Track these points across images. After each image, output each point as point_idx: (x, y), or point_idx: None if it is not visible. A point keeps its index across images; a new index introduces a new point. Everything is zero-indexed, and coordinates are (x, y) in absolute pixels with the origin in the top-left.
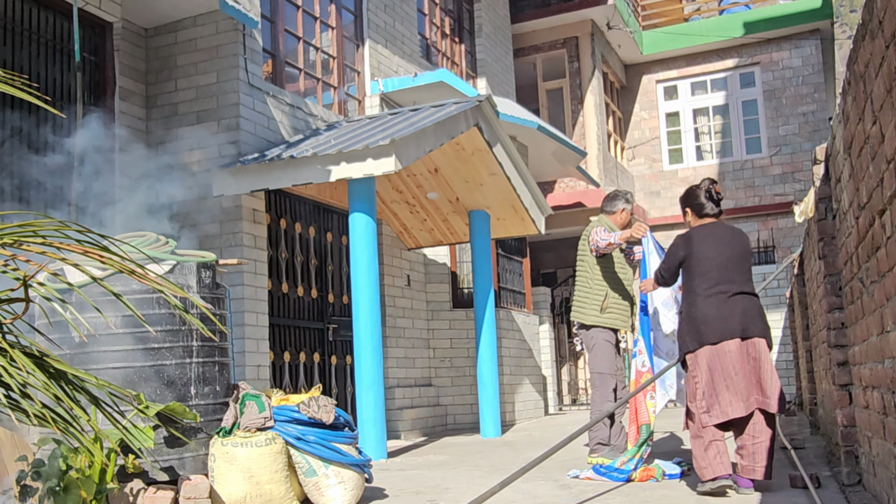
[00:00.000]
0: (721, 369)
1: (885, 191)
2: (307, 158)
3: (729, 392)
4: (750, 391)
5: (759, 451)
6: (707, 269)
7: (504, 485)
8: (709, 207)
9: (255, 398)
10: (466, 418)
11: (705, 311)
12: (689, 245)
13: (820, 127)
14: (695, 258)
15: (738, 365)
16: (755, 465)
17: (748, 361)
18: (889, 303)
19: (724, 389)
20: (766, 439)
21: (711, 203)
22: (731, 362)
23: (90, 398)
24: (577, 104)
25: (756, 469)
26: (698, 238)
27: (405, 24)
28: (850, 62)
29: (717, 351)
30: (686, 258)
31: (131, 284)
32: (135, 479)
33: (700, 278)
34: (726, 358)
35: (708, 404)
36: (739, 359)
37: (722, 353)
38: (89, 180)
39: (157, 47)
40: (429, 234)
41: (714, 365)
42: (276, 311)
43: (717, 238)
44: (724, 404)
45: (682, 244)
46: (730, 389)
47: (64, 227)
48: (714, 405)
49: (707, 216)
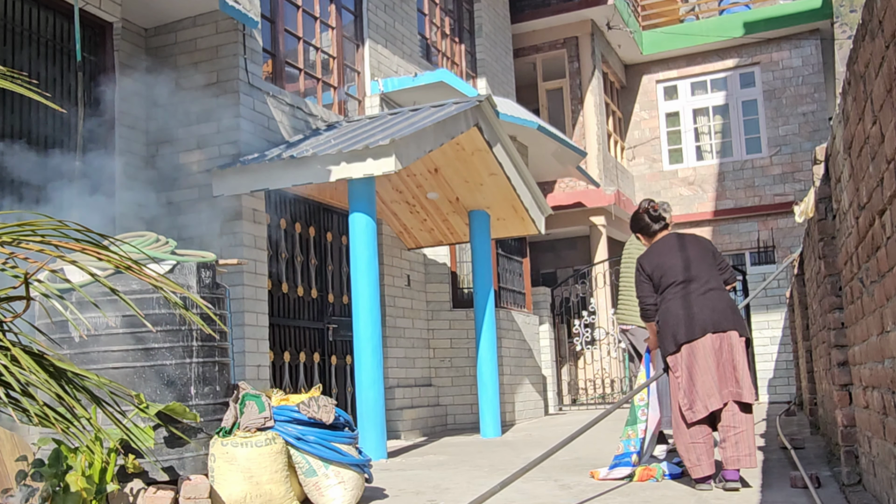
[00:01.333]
0: (697, 365)
1: (885, 191)
2: (307, 158)
3: (706, 386)
4: (724, 382)
5: (742, 440)
6: (673, 276)
7: (504, 485)
8: (655, 226)
9: (255, 398)
10: (466, 418)
11: (676, 312)
12: (650, 262)
13: (820, 127)
14: (659, 271)
15: (711, 359)
16: (739, 454)
17: (721, 354)
18: (889, 303)
19: (701, 384)
20: (747, 428)
21: (654, 221)
22: (705, 357)
23: (91, 397)
24: (577, 104)
25: (740, 458)
26: (656, 252)
27: (405, 24)
28: (850, 62)
29: (692, 348)
30: (652, 275)
31: (131, 284)
32: (135, 479)
33: (669, 287)
34: (700, 353)
35: (689, 401)
36: (713, 352)
37: (696, 350)
38: (89, 180)
39: (157, 47)
40: (429, 234)
41: (690, 362)
42: (276, 311)
43: (672, 246)
44: (703, 398)
45: (645, 265)
46: (706, 384)
47: (63, 227)
48: (695, 401)
49: (656, 233)
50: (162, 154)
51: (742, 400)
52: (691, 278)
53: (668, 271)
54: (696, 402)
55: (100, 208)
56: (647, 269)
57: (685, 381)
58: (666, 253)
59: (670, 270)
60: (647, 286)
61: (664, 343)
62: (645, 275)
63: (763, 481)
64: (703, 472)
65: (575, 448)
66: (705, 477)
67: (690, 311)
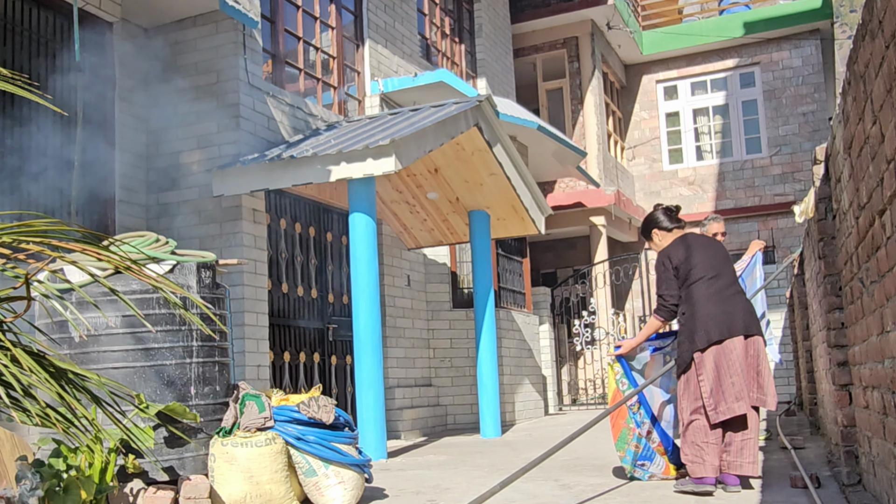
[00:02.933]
0: (727, 366)
1: (885, 191)
2: (307, 158)
3: (735, 388)
4: (750, 388)
5: (747, 447)
6: (702, 273)
7: (504, 485)
8: (673, 220)
9: (255, 398)
10: (466, 418)
11: (711, 310)
12: (677, 254)
13: (820, 127)
14: (686, 266)
15: (742, 362)
16: (742, 460)
17: (747, 359)
18: (889, 303)
19: (730, 386)
20: (755, 435)
21: (671, 220)
22: (738, 359)
23: (91, 397)
24: (577, 104)
25: (743, 465)
26: (684, 246)
27: (405, 24)
28: (850, 62)
29: (723, 349)
30: (678, 268)
31: (131, 284)
32: (135, 479)
33: (698, 282)
34: (732, 355)
35: (715, 401)
36: (743, 356)
37: (728, 351)
38: (90, 180)
39: (157, 47)
40: (429, 234)
41: (720, 362)
42: (276, 311)
43: (699, 244)
44: (730, 401)
45: (671, 257)
46: (735, 386)
47: (62, 227)
48: (720, 402)
49: (675, 229)
50: (162, 154)
51: (767, 407)
52: (722, 279)
53: (698, 265)
54: (721, 402)
55: (98, 207)
56: (674, 261)
57: (712, 382)
58: (695, 248)
59: (700, 264)
60: (672, 282)
61: (692, 339)
62: (671, 268)
63: (763, 481)
64: (706, 472)
65: (575, 448)
66: (709, 478)
67: (725, 309)
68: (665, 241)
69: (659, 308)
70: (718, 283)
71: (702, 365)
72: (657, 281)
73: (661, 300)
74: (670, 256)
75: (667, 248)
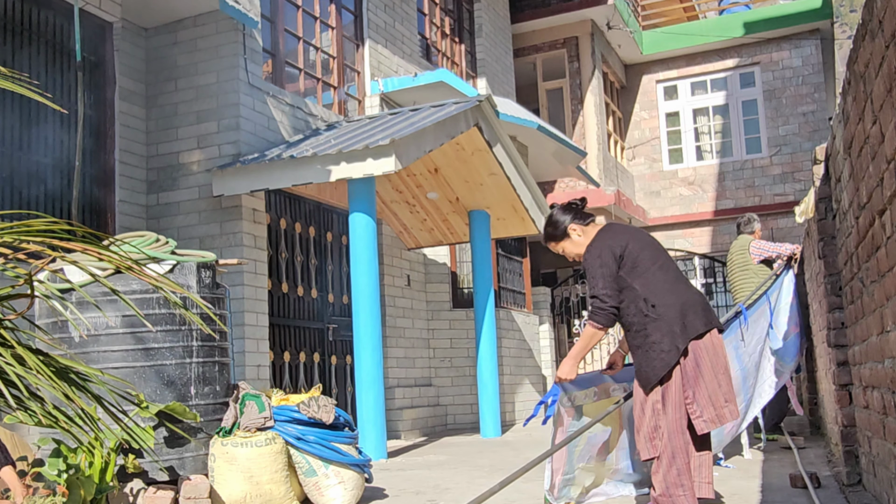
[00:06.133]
0: (711, 364)
1: (885, 191)
2: (307, 158)
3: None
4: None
5: (705, 465)
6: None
7: (504, 485)
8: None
9: (255, 398)
10: (466, 418)
11: (686, 297)
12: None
13: (820, 127)
14: (632, 252)
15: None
16: (701, 479)
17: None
18: (889, 303)
19: (716, 388)
20: (712, 451)
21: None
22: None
23: (93, 396)
24: (577, 104)
25: (701, 485)
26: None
27: (405, 24)
28: (850, 62)
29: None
30: (623, 257)
31: (131, 284)
32: (135, 479)
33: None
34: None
35: (700, 407)
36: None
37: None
38: (90, 179)
39: (157, 47)
40: (429, 234)
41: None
42: (276, 311)
43: (631, 229)
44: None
45: (612, 246)
46: (723, 387)
47: (63, 227)
48: (707, 407)
49: (591, 222)
50: (162, 154)
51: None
52: (669, 260)
53: (645, 249)
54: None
55: (98, 207)
56: (617, 250)
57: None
58: (629, 231)
59: (647, 248)
60: (612, 279)
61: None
62: (614, 259)
63: (763, 481)
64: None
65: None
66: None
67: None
68: (588, 234)
69: (595, 312)
70: (672, 268)
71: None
72: (592, 280)
73: (599, 301)
74: (611, 245)
75: (602, 238)
